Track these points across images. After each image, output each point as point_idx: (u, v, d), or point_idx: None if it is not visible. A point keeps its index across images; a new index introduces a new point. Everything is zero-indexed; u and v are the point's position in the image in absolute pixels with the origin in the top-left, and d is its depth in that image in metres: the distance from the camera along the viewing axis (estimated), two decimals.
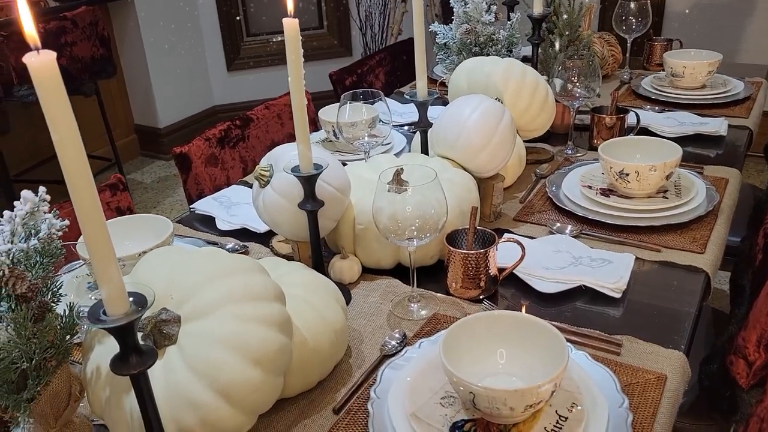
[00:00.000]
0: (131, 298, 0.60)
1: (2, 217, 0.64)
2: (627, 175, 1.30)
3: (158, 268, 0.79)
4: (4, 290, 0.62)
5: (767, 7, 3.29)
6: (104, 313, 0.58)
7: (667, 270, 1.17)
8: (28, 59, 0.48)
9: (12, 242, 0.62)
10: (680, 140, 1.65)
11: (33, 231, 0.64)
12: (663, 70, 1.99)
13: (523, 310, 1.09)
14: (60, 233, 0.66)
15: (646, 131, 1.69)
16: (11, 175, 3.08)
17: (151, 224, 1.19)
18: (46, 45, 0.50)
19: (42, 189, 0.65)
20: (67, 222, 0.67)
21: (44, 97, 0.49)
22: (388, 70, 2.59)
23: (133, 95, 3.97)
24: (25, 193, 0.62)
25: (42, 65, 0.48)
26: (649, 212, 1.28)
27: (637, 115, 1.65)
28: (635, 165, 1.29)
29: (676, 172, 1.34)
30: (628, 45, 2.10)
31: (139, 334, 0.72)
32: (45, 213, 0.64)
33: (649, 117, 1.76)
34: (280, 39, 4.17)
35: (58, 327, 0.71)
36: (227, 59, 4.18)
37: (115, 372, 0.61)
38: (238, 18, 4.12)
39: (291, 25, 0.93)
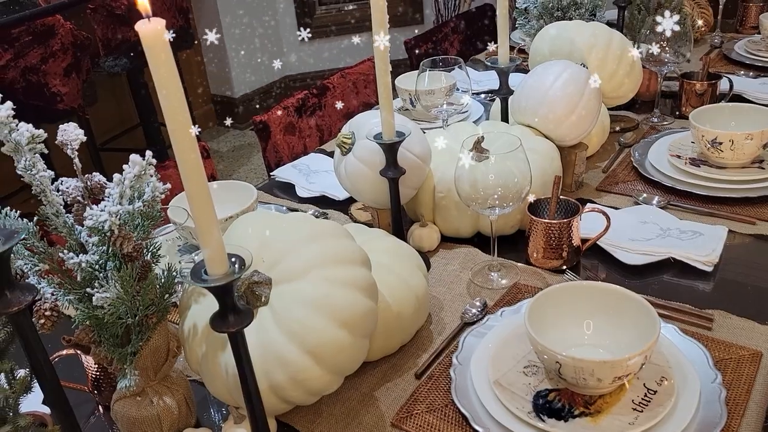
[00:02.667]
0: (231, 259, 0.62)
1: (111, 181, 0.67)
2: (720, 144, 1.24)
3: (250, 231, 0.81)
4: (112, 249, 0.66)
5: None
6: (205, 272, 0.61)
7: (763, 243, 1.11)
8: (140, 26, 0.50)
9: (120, 204, 0.65)
10: None
11: (138, 194, 0.67)
12: (758, 33, 1.87)
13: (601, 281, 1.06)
14: (162, 196, 0.69)
15: (739, 98, 1.60)
16: (98, 144, 3.22)
17: (235, 190, 1.23)
18: (130, 17, 0.51)
19: (149, 153, 0.67)
20: (169, 185, 0.70)
21: (154, 62, 0.51)
22: (462, 38, 2.55)
23: (210, 66, 4.06)
24: (134, 157, 0.65)
25: (152, 32, 0.50)
26: (743, 183, 1.22)
27: (730, 80, 1.56)
28: (730, 133, 1.23)
29: None
30: (720, 7, 1.99)
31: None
32: (150, 176, 0.67)
33: (743, 83, 1.67)
34: (351, 8, 4.16)
35: (158, 286, 0.75)
36: (300, 28, 4.21)
37: (215, 329, 0.64)
38: None
39: None
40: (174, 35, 0.51)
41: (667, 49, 1.50)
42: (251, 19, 4.00)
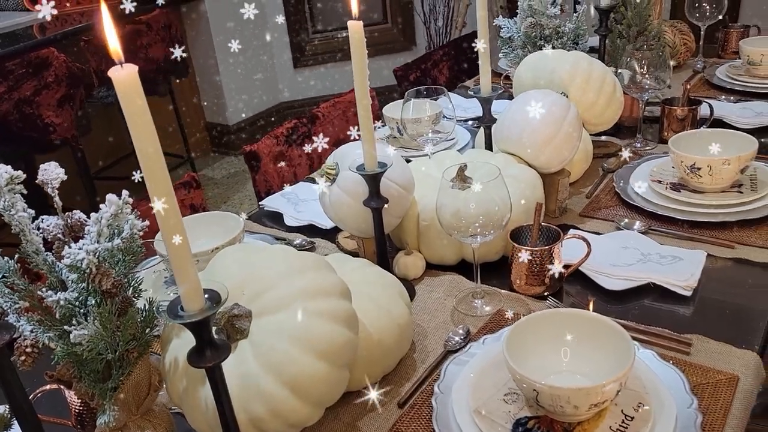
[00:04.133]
0: (206, 295, 0.63)
1: (90, 218, 0.68)
2: (699, 169, 1.26)
3: (231, 265, 0.83)
4: (91, 286, 0.67)
5: None
6: (182, 308, 0.62)
7: (742, 267, 1.13)
8: (113, 73, 0.52)
9: (98, 242, 0.67)
10: (757, 132, 1.59)
11: (117, 231, 0.69)
12: (739, 59, 1.91)
13: (591, 306, 1.08)
14: (141, 233, 0.71)
15: (720, 123, 1.63)
16: (92, 173, 3.24)
17: (223, 221, 1.24)
18: (123, 48, 0.53)
19: (125, 192, 0.69)
20: (147, 223, 0.71)
21: (127, 108, 0.53)
22: (452, 65, 2.59)
23: (204, 94, 4.11)
24: (110, 197, 0.67)
25: (125, 78, 0.52)
26: (722, 207, 1.24)
27: (710, 106, 1.59)
28: (708, 159, 1.25)
29: (752, 165, 1.29)
30: (702, 33, 2.03)
31: (214, 328, 0.76)
32: (128, 214, 0.69)
33: (723, 108, 1.70)
34: (345, 35, 4.22)
35: (139, 321, 0.76)
36: (294, 56, 4.27)
37: (192, 365, 0.65)
38: (304, 14, 4.19)
39: (356, 28, 0.95)
40: (168, 66, 0.53)
41: (647, 75, 1.53)
42: (246, 46, 4.06)
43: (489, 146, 1.41)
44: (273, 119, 4.30)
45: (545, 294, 1.12)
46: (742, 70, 1.88)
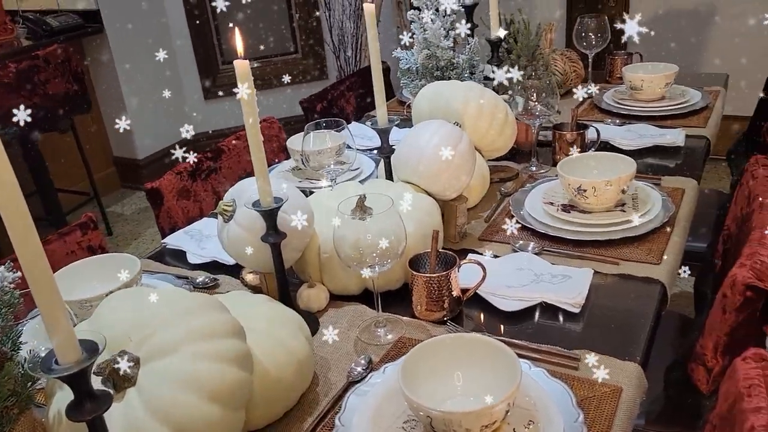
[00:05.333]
0: (83, 346, 0.62)
1: None
2: (585, 191, 1.34)
3: (118, 310, 0.81)
4: None
5: (727, 16, 3.37)
6: (56, 362, 0.60)
7: (625, 282, 1.20)
8: None
9: None
10: (640, 152, 1.70)
11: None
12: (623, 84, 2.04)
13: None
14: (13, 285, 0.68)
15: (608, 145, 1.73)
16: None
17: (121, 263, 1.21)
18: (19, 84, 0.52)
19: None
20: (19, 274, 0.69)
21: None
22: (359, 95, 2.63)
23: (111, 128, 3.99)
24: None
25: None
26: (607, 226, 1.31)
27: (597, 130, 1.69)
28: (591, 181, 1.32)
29: (633, 185, 1.38)
30: (590, 60, 2.15)
31: (99, 378, 0.74)
32: None
33: (610, 131, 1.81)
34: (254, 65, 4.21)
35: (19, 375, 0.73)
36: (203, 88, 4.22)
37: (72, 419, 0.63)
38: (213, 46, 4.16)
39: (242, 67, 0.96)
40: (69, 101, 0.52)
41: (537, 103, 1.61)
42: (153, 79, 3.98)
43: (389, 176, 1.44)
44: (185, 151, 4.21)
45: (445, 319, 1.15)
46: (626, 94, 2.01)
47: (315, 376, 1.04)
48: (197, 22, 4.06)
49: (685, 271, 1.17)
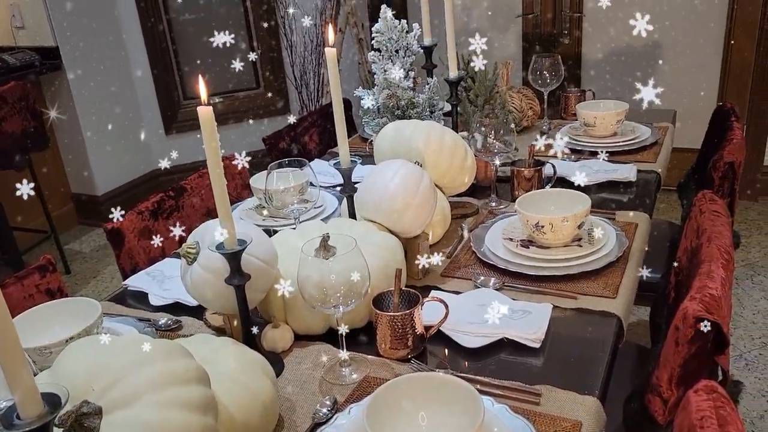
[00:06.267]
0: (45, 399, 0.61)
1: None
2: (542, 227, 1.38)
3: (79, 359, 0.80)
4: None
5: (674, 54, 3.52)
6: (18, 416, 0.60)
7: (583, 316, 1.23)
8: None
9: None
10: (595, 187, 1.76)
11: None
12: (578, 120, 2.11)
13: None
14: None
15: (564, 180, 1.78)
16: None
17: (81, 307, 1.20)
18: None
19: None
20: None
21: None
22: (322, 131, 2.66)
23: (69, 164, 3.94)
24: None
25: None
26: (564, 261, 1.35)
27: (553, 166, 1.74)
28: (548, 217, 1.36)
29: (589, 220, 1.43)
30: (545, 97, 2.22)
31: (61, 430, 0.73)
32: None
33: (565, 167, 1.86)
34: (216, 101, 4.22)
35: None
36: (165, 123, 4.20)
37: None
38: (174, 80, 4.16)
39: (206, 114, 0.97)
40: (26, 139, 0.52)
41: (495, 140, 1.66)
42: (113, 114, 3.95)
43: (353, 214, 1.46)
44: (145, 188, 4.18)
45: (409, 356, 1.16)
46: (581, 131, 2.08)
47: (280, 419, 1.04)
48: (158, 57, 4.06)
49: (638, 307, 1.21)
